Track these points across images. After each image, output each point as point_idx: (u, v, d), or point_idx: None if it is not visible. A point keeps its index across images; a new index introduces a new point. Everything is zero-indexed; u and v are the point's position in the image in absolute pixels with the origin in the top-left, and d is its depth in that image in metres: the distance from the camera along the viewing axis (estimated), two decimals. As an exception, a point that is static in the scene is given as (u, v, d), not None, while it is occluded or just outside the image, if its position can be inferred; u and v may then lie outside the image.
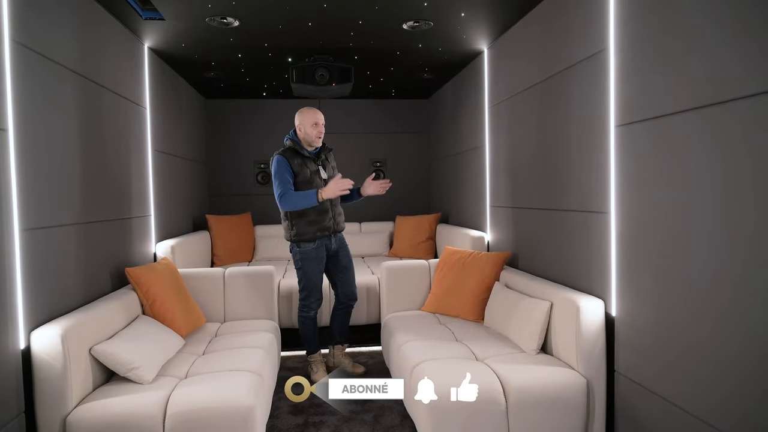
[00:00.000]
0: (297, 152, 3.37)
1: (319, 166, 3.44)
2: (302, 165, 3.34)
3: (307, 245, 3.37)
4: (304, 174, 3.33)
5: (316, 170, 3.40)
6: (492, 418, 2.35)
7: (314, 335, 3.58)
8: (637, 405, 2.30)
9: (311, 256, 3.39)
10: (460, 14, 3.35)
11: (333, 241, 3.48)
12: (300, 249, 3.39)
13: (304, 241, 3.36)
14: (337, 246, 3.52)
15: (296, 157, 3.35)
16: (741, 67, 1.69)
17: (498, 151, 3.98)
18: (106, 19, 3.12)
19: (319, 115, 3.42)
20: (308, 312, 3.51)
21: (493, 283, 3.42)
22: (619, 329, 2.42)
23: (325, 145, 3.54)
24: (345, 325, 3.68)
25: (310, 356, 3.60)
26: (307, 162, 3.38)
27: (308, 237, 3.35)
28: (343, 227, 3.54)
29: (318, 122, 3.40)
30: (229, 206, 6.10)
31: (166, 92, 4.35)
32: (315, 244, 3.38)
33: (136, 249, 3.55)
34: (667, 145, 2.05)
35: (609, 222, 2.47)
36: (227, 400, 2.25)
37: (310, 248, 3.38)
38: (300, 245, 3.39)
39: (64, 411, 2.18)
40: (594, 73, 2.57)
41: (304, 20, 3.42)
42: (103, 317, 2.57)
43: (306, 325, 3.54)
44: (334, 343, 3.70)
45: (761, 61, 1.62)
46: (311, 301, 3.48)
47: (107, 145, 3.10)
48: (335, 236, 3.50)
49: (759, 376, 1.65)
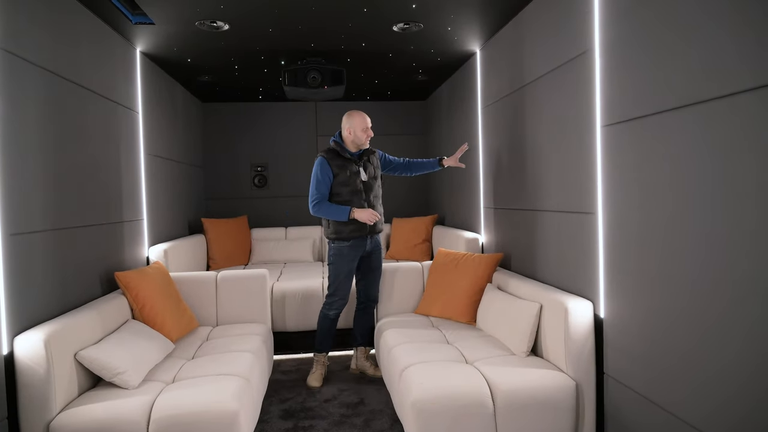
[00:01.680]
0: (338, 154, 3.44)
1: (360, 167, 3.47)
2: (342, 167, 3.41)
3: (342, 243, 3.44)
4: (343, 175, 3.40)
5: (357, 171, 3.45)
6: (479, 421, 2.33)
7: (328, 336, 3.60)
8: (625, 408, 2.28)
9: (344, 254, 3.45)
10: (449, 16, 3.33)
11: (369, 242, 3.51)
12: (334, 245, 3.48)
13: (339, 239, 3.43)
14: (372, 248, 3.55)
15: (337, 159, 3.42)
16: (725, 66, 1.67)
17: (491, 153, 3.96)
18: (96, 24, 3.13)
19: (368, 119, 3.50)
20: (328, 310, 3.55)
21: (485, 285, 3.40)
22: (608, 331, 2.40)
23: (368, 146, 3.59)
24: (367, 327, 3.71)
25: (315, 354, 3.62)
26: (348, 164, 3.43)
27: (344, 236, 3.42)
28: (380, 228, 3.57)
29: (368, 126, 3.47)
30: (227, 210, 6.10)
31: (159, 96, 4.36)
32: (350, 243, 3.43)
33: (128, 253, 3.55)
34: (652, 144, 2.03)
35: (596, 223, 2.45)
36: (211, 405, 2.24)
37: (344, 246, 3.44)
38: (335, 242, 3.47)
39: (48, 416, 2.17)
40: (580, 74, 2.55)
41: (294, 23, 3.42)
42: (89, 322, 2.56)
43: (324, 322, 3.58)
44: (356, 344, 3.73)
45: (745, 60, 1.60)
46: (335, 299, 3.52)
47: (96, 149, 3.10)
48: (371, 238, 3.53)
49: (753, 381, 1.62)
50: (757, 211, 1.56)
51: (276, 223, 6.16)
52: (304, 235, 5.88)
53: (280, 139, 6.19)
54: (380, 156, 3.71)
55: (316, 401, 3.24)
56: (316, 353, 3.62)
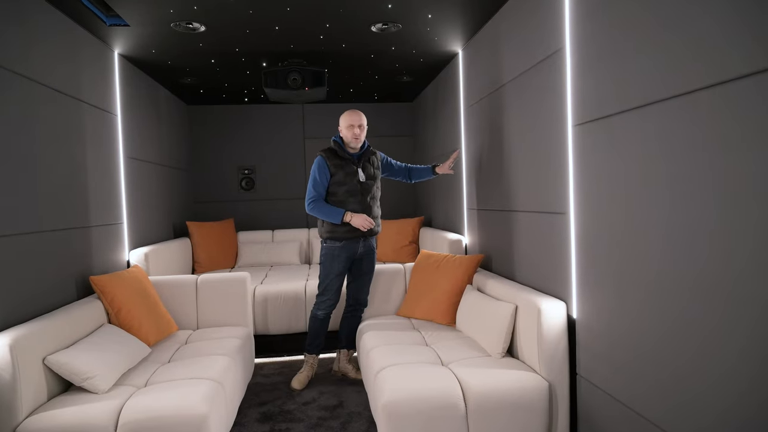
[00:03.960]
0: (337, 153, 3.42)
1: (358, 168, 3.44)
2: (340, 166, 3.39)
3: (333, 243, 3.42)
4: (340, 175, 3.38)
5: (355, 171, 3.41)
6: (451, 423, 2.31)
7: (317, 336, 3.58)
8: (597, 409, 2.26)
9: (335, 255, 3.43)
10: (426, 16, 3.32)
11: (361, 245, 3.48)
12: (326, 245, 3.46)
13: (332, 238, 3.41)
14: (364, 251, 3.52)
15: (335, 158, 3.40)
16: (691, 64, 1.66)
17: (472, 154, 3.95)
18: (69, 26, 3.11)
19: (356, 117, 3.43)
20: (317, 310, 3.54)
21: (465, 286, 3.38)
22: (580, 332, 2.38)
23: (369, 148, 3.58)
24: (353, 330, 3.69)
25: (305, 355, 3.62)
26: (346, 164, 3.41)
27: (337, 236, 3.39)
28: (377, 231, 3.53)
29: (353, 124, 3.41)
30: (214, 213, 6.08)
31: (140, 99, 4.34)
32: (341, 244, 3.41)
33: (107, 257, 3.53)
34: (621, 143, 2.01)
35: (568, 223, 2.44)
36: (179, 409, 2.22)
37: (336, 246, 3.42)
38: (327, 242, 3.45)
39: (14, 422, 2.15)
40: (552, 73, 2.55)
41: (271, 24, 3.40)
42: (61, 326, 2.54)
43: (314, 322, 3.57)
44: (340, 347, 3.71)
45: (711, 55, 1.59)
46: (324, 299, 3.51)
47: (72, 152, 3.08)
48: (365, 241, 3.50)
49: (719, 384, 1.61)
50: (722, 210, 1.54)
51: (263, 225, 6.14)
52: (291, 238, 5.86)
53: (267, 142, 6.18)
54: (382, 158, 3.68)
55: (295, 404, 3.22)
56: (305, 353, 3.61)
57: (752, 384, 1.43)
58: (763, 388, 1.40)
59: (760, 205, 1.39)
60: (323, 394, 3.37)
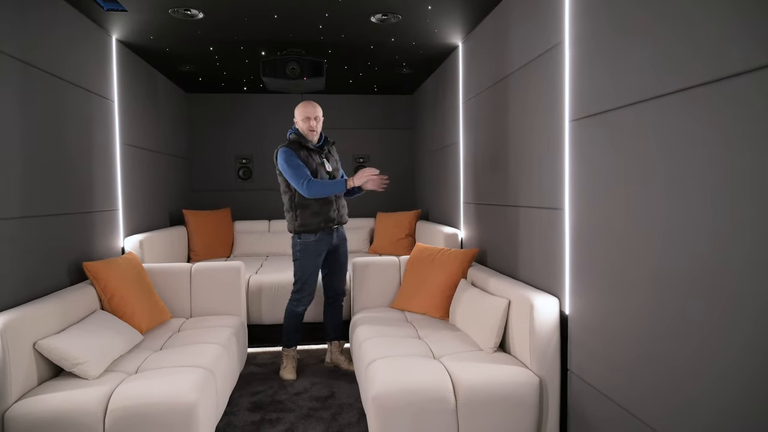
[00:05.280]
0: (302, 145, 3.37)
1: (323, 158, 3.42)
2: (308, 157, 3.35)
3: (308, 236, 3.38)
4: (309, 166, 3.32)
5: (321, 162, 3.40)
6: (441, 417, 2.31)
7: (296, 330, 3.56)
8: (587, 405, 2.26)
9: (311, 249, 3.39)
10: (427, 7, 3.29)
11: (335, 235, 3.47)
12: (301, 240, 3.39)
13: (306, 232, 3.36)
14: (338, 241, 3.52)
15: (301, 150, 3.35)
16: (688, 60, 1.65)
17: (470, 147, 3.94)
18: (67, 12, 3.08)
19: (311, 109, 3.38)
20: (297, 306, 3.50)
21: (459, 280, 3.37)
22: (572, 327, 2.38)
23: (327, 138, 3.55)
24: (338, 320, 3.67)
25: (284, 349, 3.58)
26: (312, 154, 3.38)
27: (312, 228, 3.35)
28: (346, 220, 3.55)
29: (309, 116, 3.37)
30: (211, 201, 6.06)
31: (138, 85, 4.31)
32: (317, 236, 3.38)
33: (102, 243, 3.52)
34: (618, 139, 1.99)
35: (563, 219, 2.43)
36: (168, 396, 2.22)
37: (311, 240, 3.38)
38: (301, 236, 3.39)
39: (3, 406, 2.15)
40: (551, 67, 2.53)
41: (269, 12, 3.37)
42: (52, 311, 2.53)
43: (291, 318, 3.53)
44: (329, 339, 3.69)
45: (708, 52, 1.57)
46: (303, 295, 3.47)
47: (67, 138, 3.06)
48: (338, 230, 3.50)
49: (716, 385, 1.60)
50: (720, 207, 1.53)
51: (260, 215, 6.12)
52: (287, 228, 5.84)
53: (265, 132, 6.14)
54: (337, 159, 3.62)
55: (286, 394, 3.22)
56: (284, 348, 3.57)
57: (750, 384, 1.42)
58: (761, 389, 1.38)
59: (759, 203, 1.38)
60: (315, 384, 3.37)
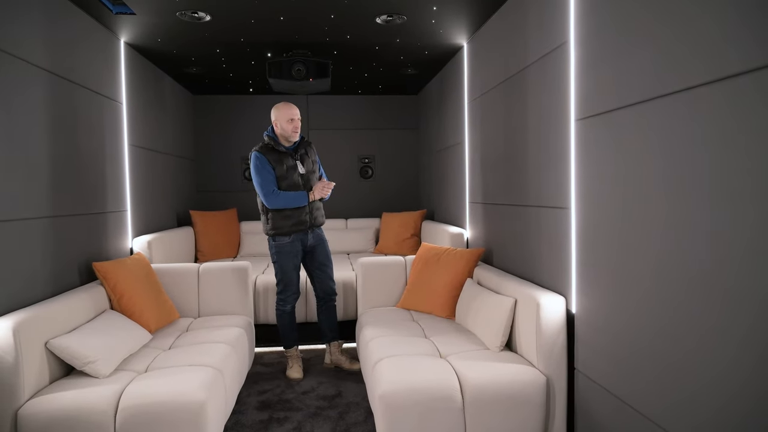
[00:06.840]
0: (273, 148, 3.38)
1: (296, 160, 3.43)
2: (279, 161, 3.36)
3: (282, 239, 3.40)
4: (280, 170, 3.34)
5: (293, 165, 3.41)
6: (448, 415, 2.33)
7: (291, 330, 3.57)
8: (593, 403, 2.27)
9: (286, 250, 3.41)
10: (432, 8, 3.31)
11: (310, 236, 3.48)
12: (275, 243, 3.42)
13: (279, 234, 3.39)
14: (315, 242, 3.52)
15: (272, 153, 3.36)
16: (690, 60, 1.66)
17: (475, 147, 3.95)
18: (77, 15, 3.12)
19: (294, 110, 3.41)
20: (284, 306, 3.52)
21: (465, 280, 3.39)
22: (579, 327, 2.39)
23: (303, 139, 3.55)
24: (333, 321, 3.67)
25: (286, 351, 3.60)
26: (284, 158, 3.39)
27: (284, 231, 3.37)
28: (321, 222, 3.55)
29: (293, 117, 3.39)
30: (218, 202, 6.10)
31: (146, 87, 4.35)
32: (290, 239, 3.40)
33: (111, 244, 3.55)
34: (624, 138, 2.00)
35: (569, 218, 2.44)
36: (178, 395, 2.24)
37: (285, 242, 3.40)
38: (275, 239, 3.42)
39: (16, 404, 2.18)
40: (556, 67, 2.54)
41: (276, 14, 3.40)
42: (64, 311, 2.56)
43: (282, 318, 3.55)
44: (326, 341, 3.70)
45: (710, 52, 1.58)
46: (287, 295, 3.50)
47: (77, 139, 3.10)
48: (312, 232, 3.50)
49: (716, 380, 1.61)
50: (722, 207, 1.54)
51: (266, 216, 6.14)
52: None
53: (271, 133, 6.16)
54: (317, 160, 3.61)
55: (293, 393, 3.24)
56: (286, 350, 3.59)
57: (750, 380, 1.43)
58: (760, 384, 1.40)
59: (760, 202, 1.39)
60: (322, 383, 3.39)
